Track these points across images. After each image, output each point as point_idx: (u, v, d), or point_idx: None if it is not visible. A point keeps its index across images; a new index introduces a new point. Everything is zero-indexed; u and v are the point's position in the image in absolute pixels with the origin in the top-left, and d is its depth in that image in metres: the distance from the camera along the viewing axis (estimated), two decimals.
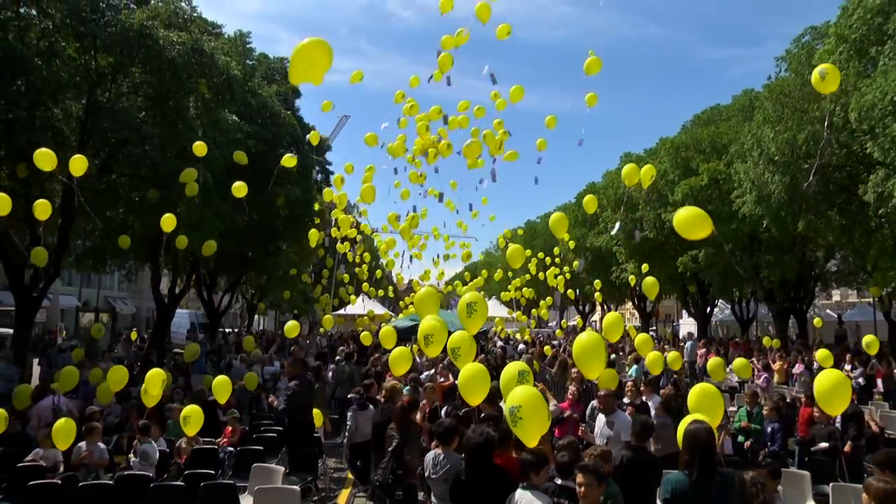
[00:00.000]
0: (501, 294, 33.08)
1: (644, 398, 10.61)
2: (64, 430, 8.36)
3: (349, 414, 10.08)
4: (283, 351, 22.87)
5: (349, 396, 11.28)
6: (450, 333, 7.14)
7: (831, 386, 6.51)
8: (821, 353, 12.56)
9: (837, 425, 10.23)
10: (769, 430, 10.34)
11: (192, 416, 8.85)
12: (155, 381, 9.22)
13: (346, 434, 10.10)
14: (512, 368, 6.35)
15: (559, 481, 5.47)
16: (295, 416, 10.12)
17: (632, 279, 28.25)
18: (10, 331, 18.94)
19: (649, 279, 11.30)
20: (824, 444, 9.80)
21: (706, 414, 5.89)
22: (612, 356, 21.04)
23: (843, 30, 18.03)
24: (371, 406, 10.03)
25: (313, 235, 17.44)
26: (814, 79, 8.83)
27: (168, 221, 13.17)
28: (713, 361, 11.00)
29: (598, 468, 4.71)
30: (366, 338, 18.82)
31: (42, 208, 11.61)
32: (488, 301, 36.05)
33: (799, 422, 10.98)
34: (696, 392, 6.32)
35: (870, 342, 14.27)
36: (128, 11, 15.91)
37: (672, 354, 13.44)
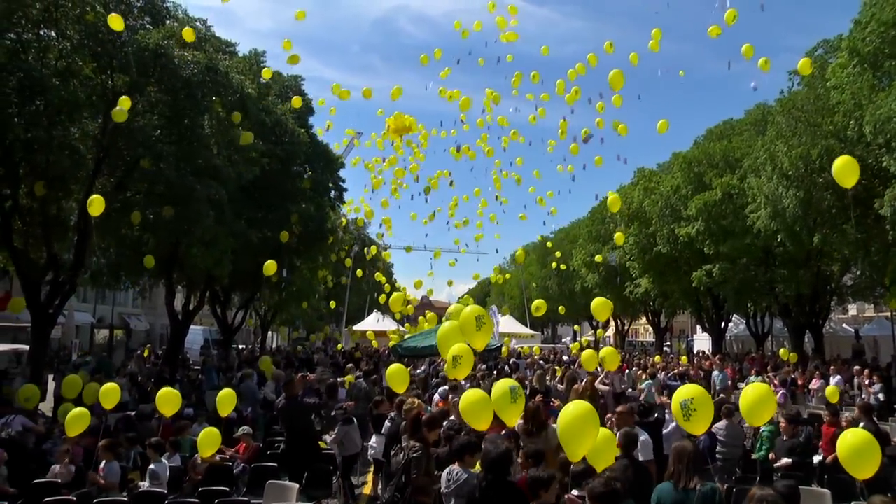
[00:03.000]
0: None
1: (667, 412, 10.49)
2: None
3: (337, 428, 10.33)
4: (291, 367, 22.86)
5: (332, 414, 11.41)
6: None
7: (857, 448, 5.55)
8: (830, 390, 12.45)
9: (797, 440, 9.93)
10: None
11: (208, 439, 8.84)
12: (168, 401, 9.27)
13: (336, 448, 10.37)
14: (503, 385, 6.33)
15: (575, 493, 5.46)
16: (287, 432, 10.42)
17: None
18: (27, 347, 19.07)
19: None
20: (786, 460, 9.55)
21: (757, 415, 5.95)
22: (627, 371, 20.87)
23: (857, 43, 17.96)
24: (355, 420, 10.40)
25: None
26: None
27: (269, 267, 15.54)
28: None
29: (609, 491, 4.64)
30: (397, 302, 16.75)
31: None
32: (502, 318, 36.14)
33: (822, 440, 10.80)
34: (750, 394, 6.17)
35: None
36: (144, 32, 16.13)
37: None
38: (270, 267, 16.48)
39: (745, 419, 6.42)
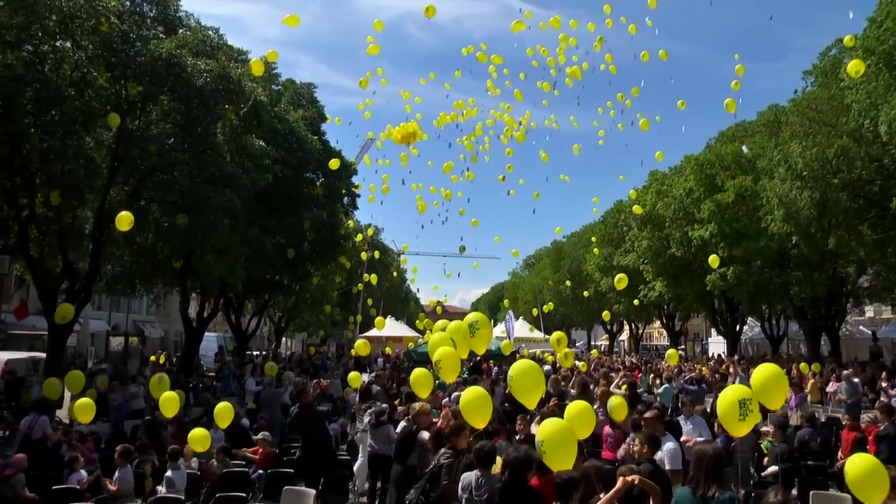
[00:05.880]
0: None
1: (682, 418, 10.42)
2: None
3: (363, 428, 10.39)
4: (305, 374, 22.88)
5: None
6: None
7: (863, 474, 5.41)
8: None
9: (785, 445, 9.83)
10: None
11: (223, 412, 9.56)
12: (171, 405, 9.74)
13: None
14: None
15: None
16: (302, 440, 10.60)
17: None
18: (44, 355, 19.21)
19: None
20: (773, 468, 9.42)
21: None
22: (641, 375, 20.76)
23: (871, 42, 17.81)
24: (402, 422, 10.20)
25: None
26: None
27: None
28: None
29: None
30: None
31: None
32: (515, 322, 36.06)
33: (842, 445, 10.67)
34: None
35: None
36: (157, 41, 16.26)
37: None
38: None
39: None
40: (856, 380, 19.02)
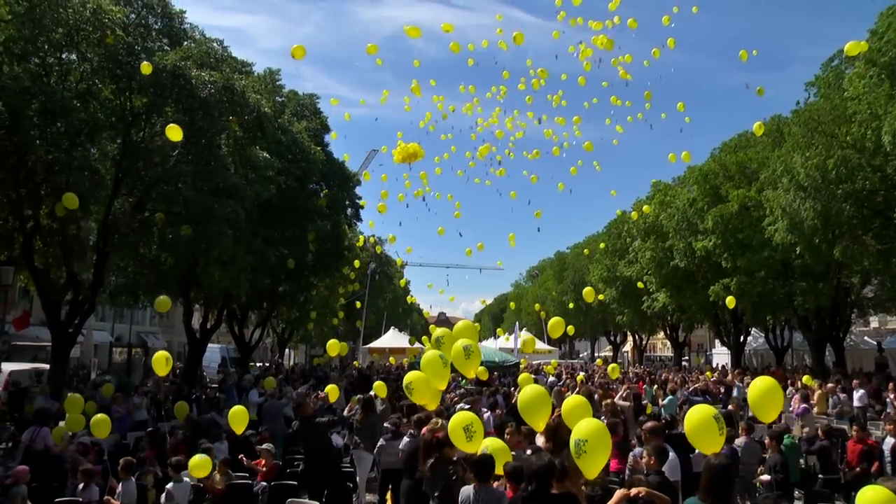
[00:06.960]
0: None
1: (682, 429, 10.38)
2: None
3: (380, 443, 10.24)
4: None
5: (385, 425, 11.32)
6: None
7: None
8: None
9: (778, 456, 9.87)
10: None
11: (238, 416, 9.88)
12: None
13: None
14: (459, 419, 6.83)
15: None
16: (305, 452, 10.67)
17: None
18: (47, 366, 19.23)
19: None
20: (765, 477, 9.46)
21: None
22: (645, 387, 20.65)
23: (874, 53, 17.82)
24: (405, 437, 10.14)
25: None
26: None
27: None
28: None
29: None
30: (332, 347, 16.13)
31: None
32: (521, 331, 36.06)
33: (848, 456, 10.62)
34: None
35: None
36: (161, 53, 16.36)
37: None
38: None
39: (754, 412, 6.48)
40: (861, 391, 18.96)
